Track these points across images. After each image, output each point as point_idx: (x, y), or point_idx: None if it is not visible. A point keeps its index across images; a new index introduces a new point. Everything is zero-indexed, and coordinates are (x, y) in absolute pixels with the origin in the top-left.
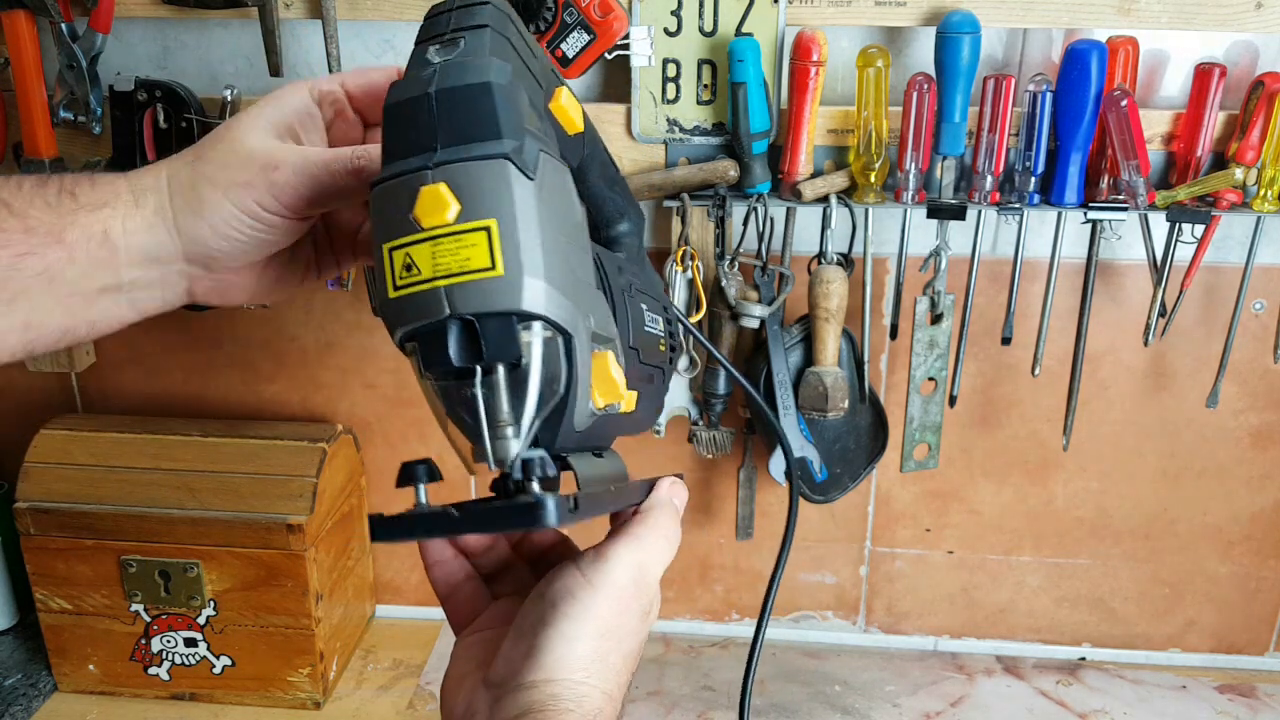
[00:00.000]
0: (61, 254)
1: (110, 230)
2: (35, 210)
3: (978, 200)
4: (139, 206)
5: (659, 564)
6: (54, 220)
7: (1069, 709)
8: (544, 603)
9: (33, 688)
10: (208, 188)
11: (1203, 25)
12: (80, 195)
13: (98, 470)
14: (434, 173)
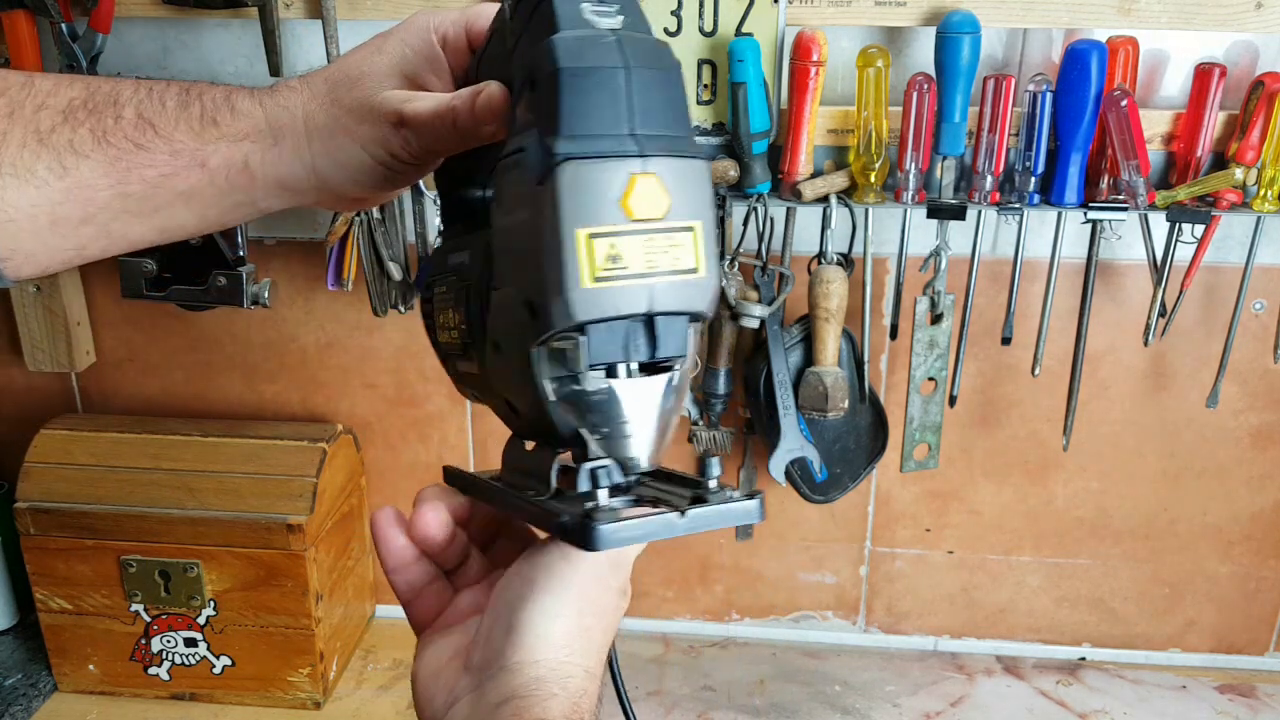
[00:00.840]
0: (204, 177)
1: (250, 160)
2: (180, 134)
3: (978, 200)
4: (276, 144)
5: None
6: (198, 146)
7: (1069, 709)
8: (522, 581)
9: (33, 688)
10: (345, 138)
11: (1203, 25)
12: (222, 124)
13: (98, 470)
14: (645, 162)
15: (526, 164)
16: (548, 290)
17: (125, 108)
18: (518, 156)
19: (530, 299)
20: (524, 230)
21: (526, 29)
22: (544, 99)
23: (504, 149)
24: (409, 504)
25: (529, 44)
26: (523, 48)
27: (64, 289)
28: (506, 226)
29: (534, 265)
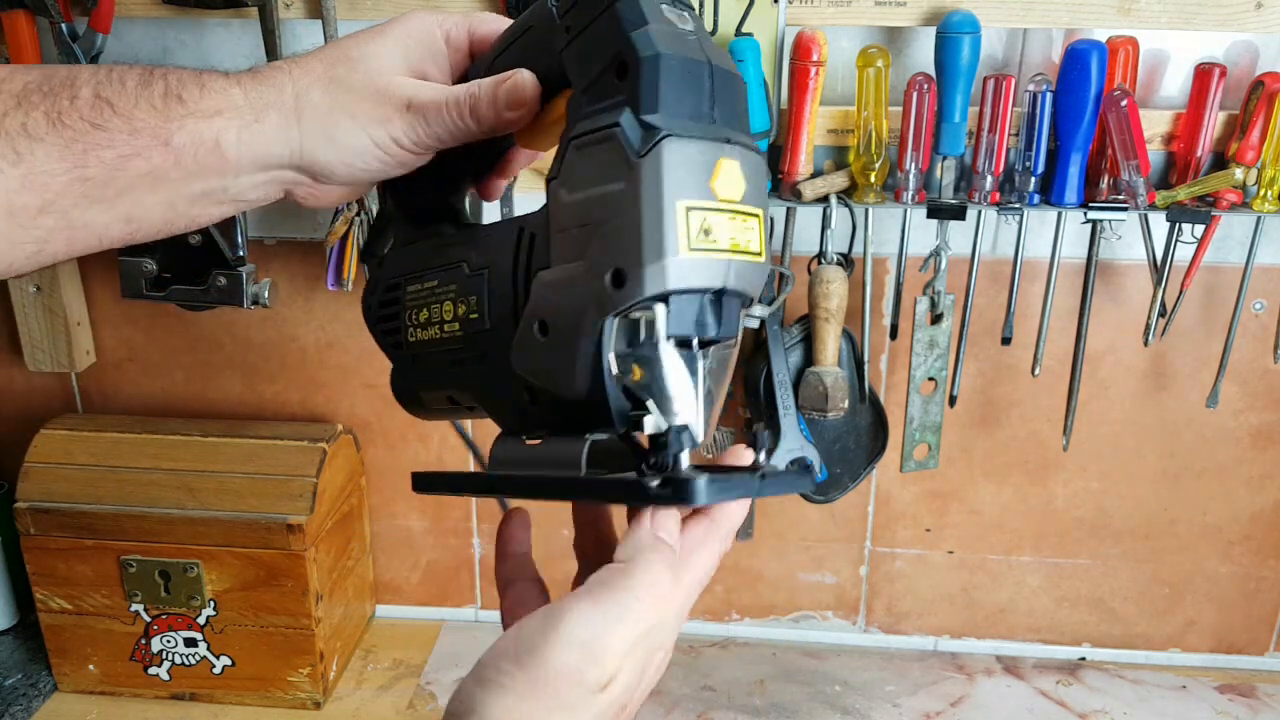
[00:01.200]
0: (167, 158)
1: (223, 139)
2: (141, 112)
3: (978, 200)
4: (258, 120)
5: (622, 639)
6: (160, 124)
7: (1069, 709)
8: (480, 664)
9: (33, 688)
10: (345, 118)
11: (1203, 25)
12: (189, 100)
13: (98, 470)
14: (731, 148)
15: (622, 139)
16: (645, 257)
17: (82, 89)
18: (607, 132)
19: (621, 267)
20: (614, 202)
21: (591, 25)
22: (642, 81)
23: (574, 131)
24: (409, 504)
25: (600, 38)
26: (589, 41)
27: (64, 289)
28: (580, 202)
29: (629, 234)
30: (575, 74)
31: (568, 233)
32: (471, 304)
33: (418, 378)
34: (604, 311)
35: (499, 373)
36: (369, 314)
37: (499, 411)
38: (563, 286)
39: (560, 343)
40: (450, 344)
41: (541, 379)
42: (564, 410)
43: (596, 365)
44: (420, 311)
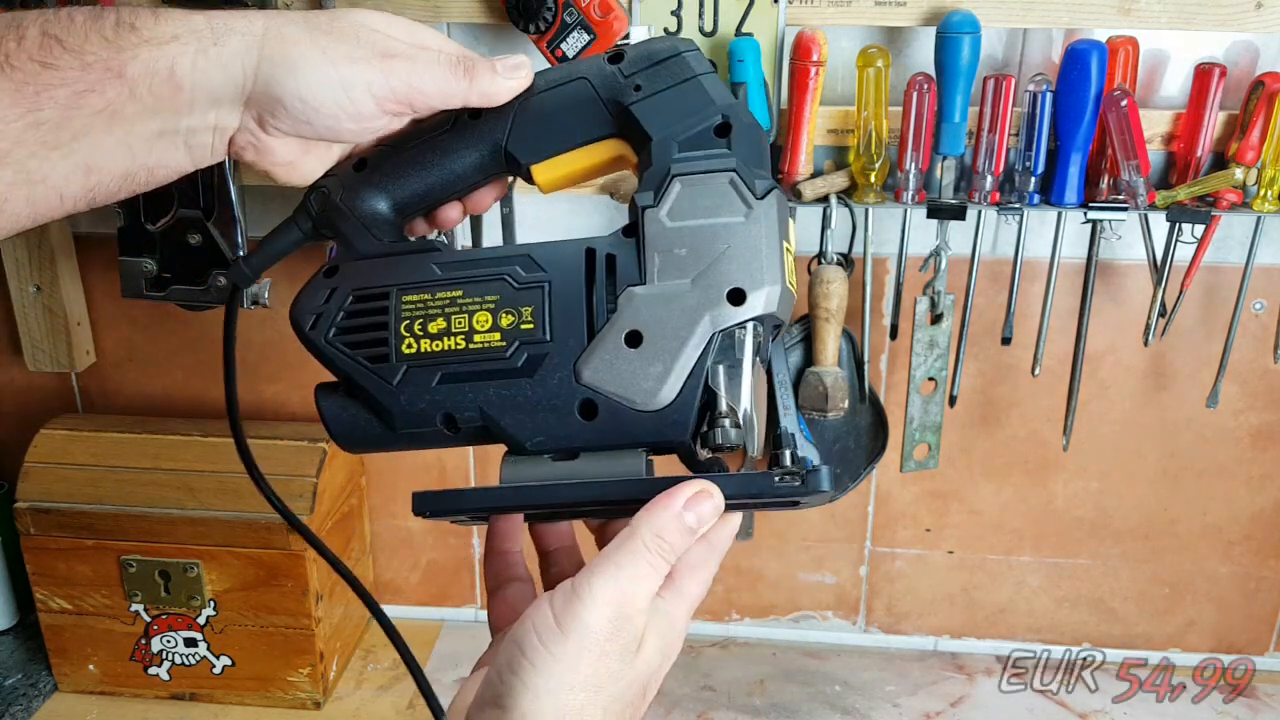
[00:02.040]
0: (122, 90)
1: (177, 67)
2: (92, 45)
3: (978, 200)
4: (218, 44)
5: (644, 595)
6: (113, 55)
7: (1069, 709)
8: (513, 645)
9: (33, 688)
10: (314, 52)
11: (1203, 25)
12: (142, 28)
13: (98, 470)
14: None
15: (739, 182)
16: (765, 279)
17: (29, 29)
18: (723, 175)
19: (740, 287)
20: (735, 232)
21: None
22: (745, 140)
23: (678, 169)
24: (408, 504)
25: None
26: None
27: (64, 289)
28: (691, 229)
29: (751, 259)
30: (656, 125)
31: (671, 254)
32: (524, 315)
33: (403, 394)
34: (717, 325)
35: (547, 386)
36: (319, 324)
37: (522, 429)
38: (666, 301)
39: (657, 354)
40: (481, 356)
41: (620, 389)
42: (621, 425)
43: (690, 376)
44: (430, 322)
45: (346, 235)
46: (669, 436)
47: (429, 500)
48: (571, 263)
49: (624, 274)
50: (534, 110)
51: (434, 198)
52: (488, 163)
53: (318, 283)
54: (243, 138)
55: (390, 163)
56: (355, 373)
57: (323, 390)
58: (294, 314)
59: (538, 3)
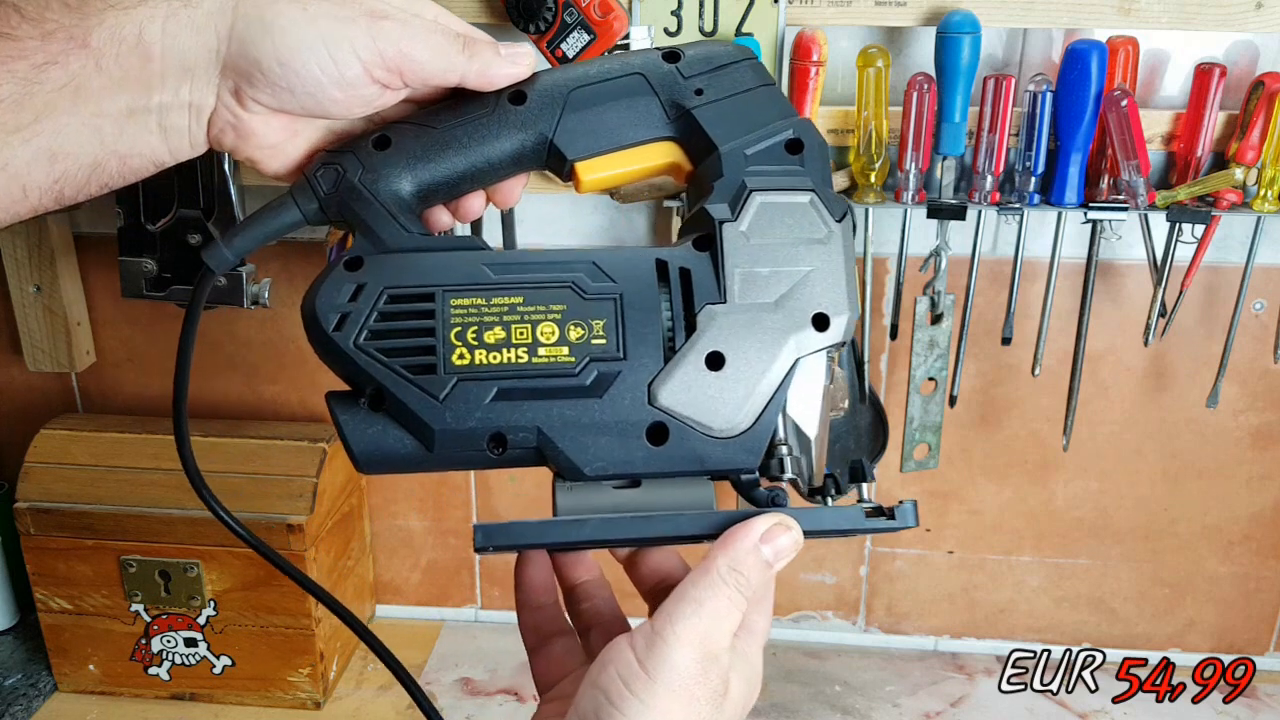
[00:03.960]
0: (87, 61)
1: (145, 33)
2: (53, 12)
3: (978, 200)
4: (189, 5)
5: (726, 633)
6: (76, 22)
7: (1069, 709)
8: (598, 693)
9: (33, 688)
10: (292, 6)
11: (1203, 25)
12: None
13: (98, 470)
14: None
15: (819, 203)
16: (848, 306)
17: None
18: (804, 194)
19: (825, 312)
20: (819, 255)
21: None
22: (818, 161)
23: (754, 184)
24: (409, 504)
25: (758, 109)
26: (740, 109)
27: (64, 289)
28: (774, 247)
29: (834, 284)
30: (723, 133)
31: (753, 272)
32: (594, 329)
33: (450, 411)
34: (800, 350)
35: (617, 407)
36: (346, 325)
37: (583, 453)
38: (750, 322)
39: (739, 377)
40: (546, 372)
41: (696, 413)
42: (690, 451)
43: (770, 402)
44: (486, 331)
45: (368, 223)
46: (739, 464)
47: (494, 534)
48: (642, 274)
49: (701, 290)
50: (586, 101)
51: (464, 185)
52: (528, 154)
53: (339, 276)
54: (221, 118)
55: (419, 142)
56: (392, 383)
57: (338, 401)
58: (312, 311)
59: (538, 3)
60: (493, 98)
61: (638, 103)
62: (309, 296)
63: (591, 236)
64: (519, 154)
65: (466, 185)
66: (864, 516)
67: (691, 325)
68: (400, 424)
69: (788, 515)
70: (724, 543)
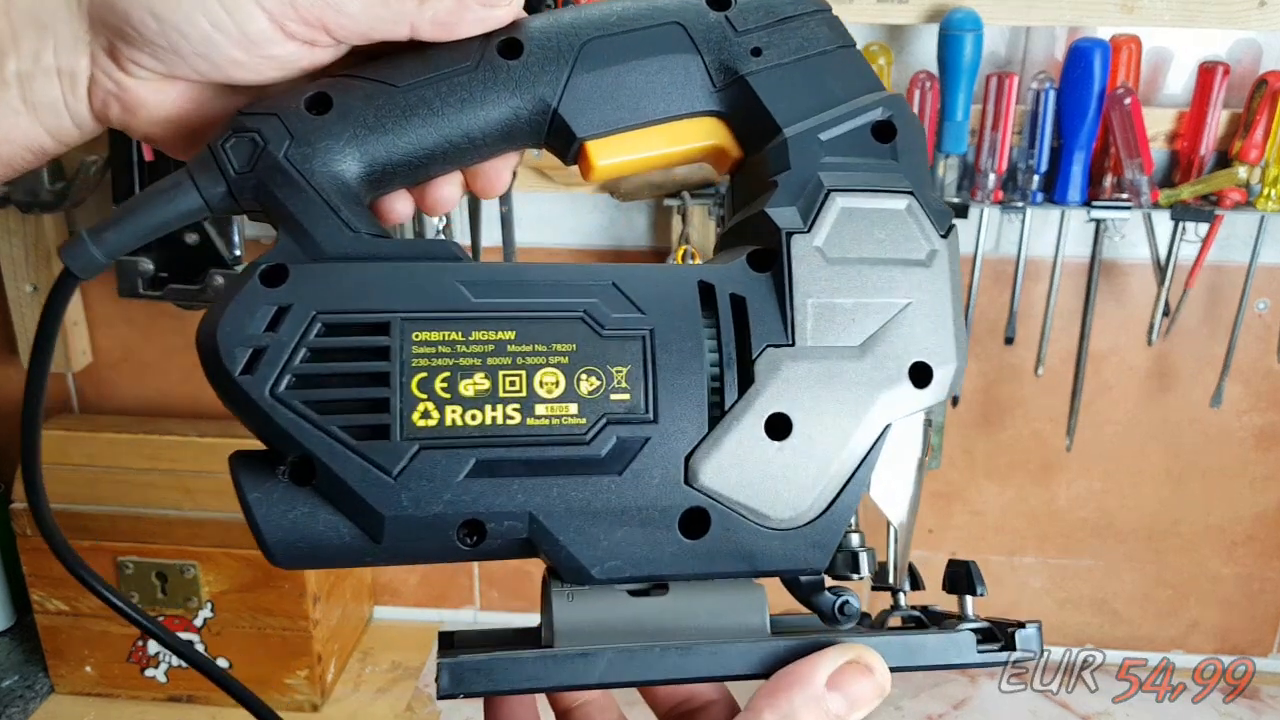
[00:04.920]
0: None
1: None
2: None
3: (980, 199)
4: None
5: None
6: None
7: (1071, 710)
8: None
9: (29, 689)
10: None
11: (1206, 23)
12: None
13: (94, 471)
14: None
15: (919, 213)
16: (957, 354)
17: None
18: (899, 198)
19: (926, 362)
20: (919, 284)
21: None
22: (915, 151)
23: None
24: None
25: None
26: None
27: None
28: (861, 273)
29: (939, 325)
30: (788, 110)
31: (832, 305)
32: (615, 379)
33: (408, 490)
34: (892, 413)
35: (643, 488)
36: (260, 366)
37: (591, 548)
38: (828, 374)
39: (811, 449)
40: (545, 438)
41: (749, 498)
42: (737, 547)
43: (849, 482)
44: (463, 379)
45: (296, 216)
46: (801, 564)
47: (468, 675)
48: (680, 303)
49: (760, 326)
50: (605, 56)
51: (433, 166)
52: (522, 126)
53: (253, 295)
54: (102, 86)
55: (372, 105)
56: (324, 451)
57: (247, 469)
58: (212, 344)
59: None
60: (476, 47)
61: (673, 62)
62: (208, 321)
63: (591, 236)
64: (510, 126)
65: (436, 166)
66: (975, 650)
67: (747, 376)
68: (335, 506)
69: (868, 648)
70: (774, 690)
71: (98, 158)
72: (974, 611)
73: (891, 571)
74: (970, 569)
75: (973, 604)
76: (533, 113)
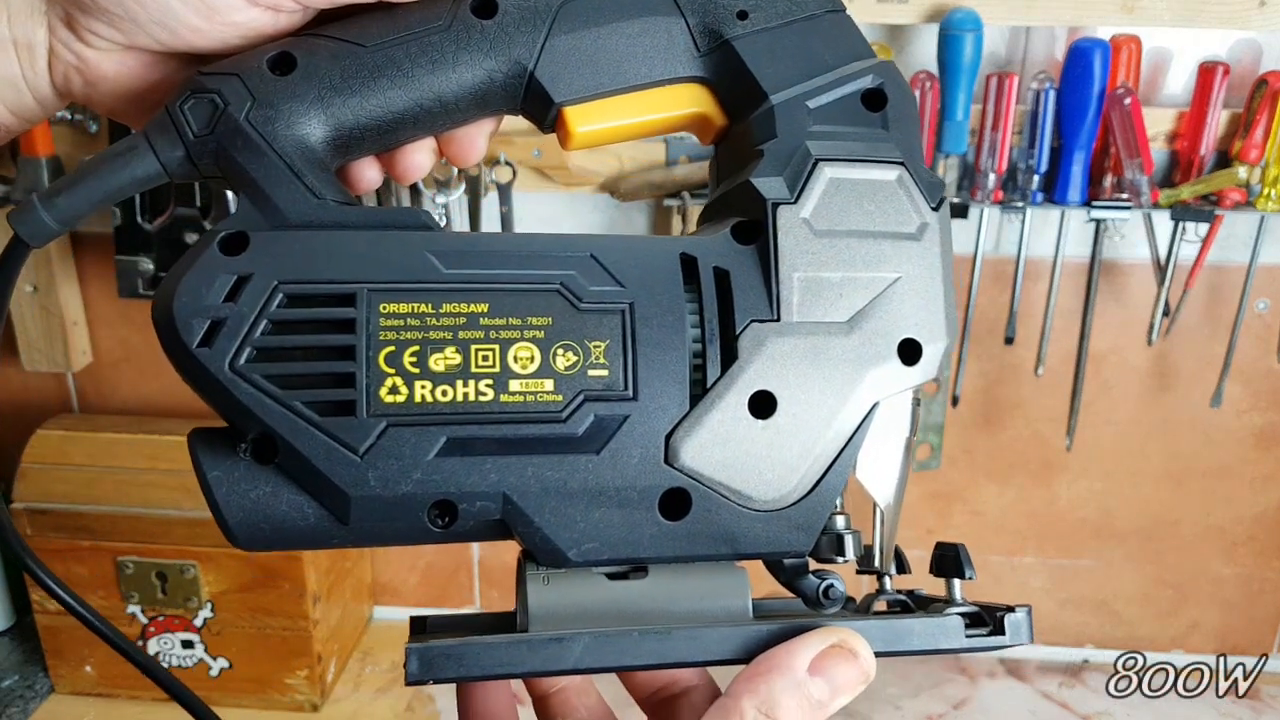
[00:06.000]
0: None
1: None
2: None
3: (980, 199)
4: None
5: None
6: None
7: (1071, 711)
8: None
9: (29, 689)
10: None
11: (1206, 23)
12: None
13: (94, 471)
14: None
15: (909, 182)
16: (947, 330)
17: None
18: (888, 167)
19: (915, 339)
20: (909, 257)
21: (800, 23)
22: (907, 120)
23: (819, 152)
24: None
25: (822, 42)
26: (798, 40)
27: (60, 288)
28: (849, 246)
29: (930, 300)
30: (775, 76)
31: (819, 279)
32: (593, 355)
33: (376, 469)
34: (880, 391)
35: (621, 467)
36: (218, 339)
37: (568, 530)
38: (814, 350)
39: (796, 428)
40: (520, 415)
41: (731, 478)
42: (718, 528)
43: (835, 462)
44: (433, 353)
45: (258, 181)
46: (784, 547)
47: (437, 661)
48: (661, 276)
49: (744, 300)
50: (585, 17)
51: (402, 131)
52: (496, 89)
53: (212, 262)
54: (62, 58)
55: (338, 65)
56: (288, 428)
57: (206, 446)
58: (168, 314)
59: None
60: (449, 6)
61: (656, 25)
62: (164, 291)
63: None
64: (484, 89)
65: (406, 130)
66: (963, 635)
67: (730, 352)
68: (299, 486)
69: (852, 631)
70: (754, 675)
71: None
72: (962, 596)
73: (878, 555)
74: (959, 552)
75: (961, 587)
76: (508, 75)
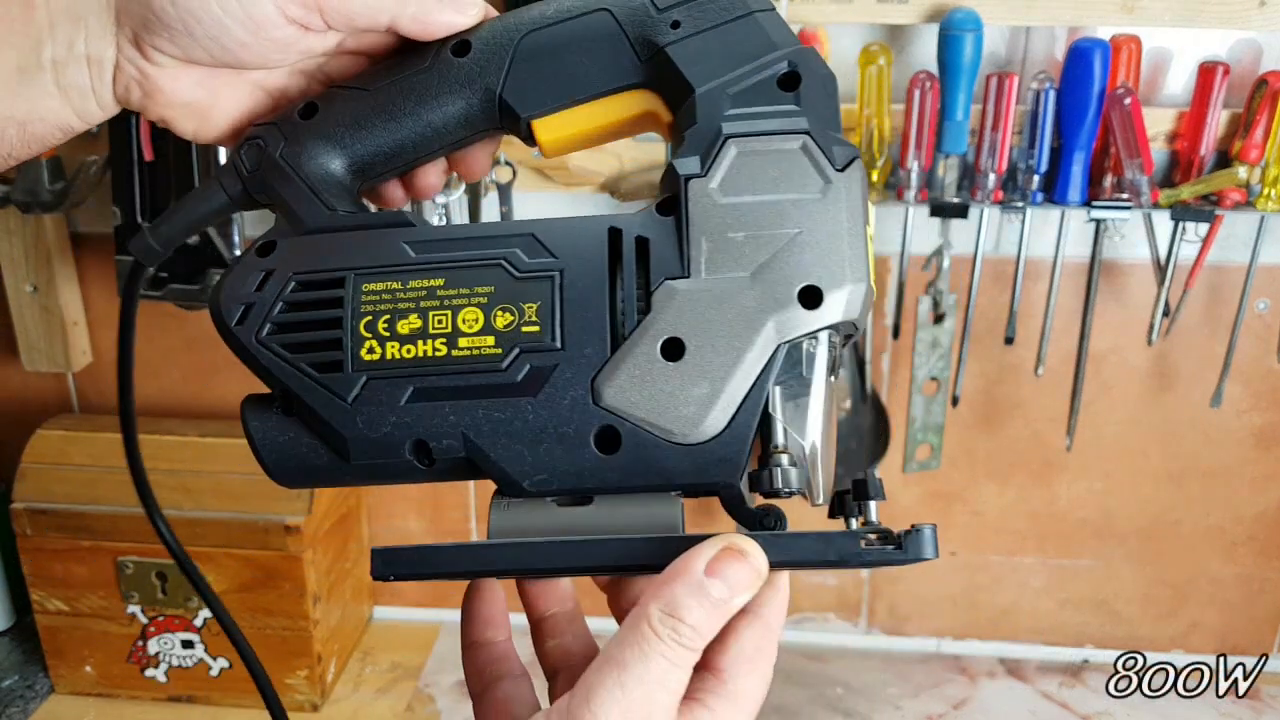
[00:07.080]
0: None
1: None
2: None
3: (980, 199)
4: None
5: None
6: None
7: (1072, 711)
8: None
9: (29, 689)
10: None
11: (1206, 23)
12: None
13: (94, 471)
14: None
15: (813, 150)
16: (847, 276)
17: None
18: (792, 138)
19: (815, 285)
20: (810, 213)
21: (724, 26)
22: (820, 97)
23: (731, 130)
24: (407, 505)
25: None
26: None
27: (61, 289)
28: (753, 206)
29: (831, 249)
30: (700, 72)
31: (724, 239)
32: (526, 313)
33: (362, 414)
34: (783, 334)
35: (555, 408)
36: (249, 318)
37: (519, 463)
38: (718, 300)
39: (703, 369)
40: (468, 366)
41: (652, 415)
42: (650, 461)
43: (745, 400)
44: (400, 320)
45: (287, 201)
46: (712, 477)
47: (391, 560)
48: (590, 247)
49: (660, 263)
50: (539, 48)
51: (406, 156)
52: (476, 114)
53: (249, 264)
54: (126, 72)
55: (348, 108)
56: (296, 384)
57: (252, 406)
58: (215, 304)
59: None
60: (431, 50)
61: (601, 45)
62: (216, 287)
63: None
64: (466, 115)
65: (411, 154)
66: (858, 545)
67: (646, 307)
68: (312, 431)
69: (741, 537)
70: (659, 583)
71: (98, 158)
72: (876, 519)
73: (811, 489)
74: (869, 477)
75: (876, 508)
76: (483, 101)
